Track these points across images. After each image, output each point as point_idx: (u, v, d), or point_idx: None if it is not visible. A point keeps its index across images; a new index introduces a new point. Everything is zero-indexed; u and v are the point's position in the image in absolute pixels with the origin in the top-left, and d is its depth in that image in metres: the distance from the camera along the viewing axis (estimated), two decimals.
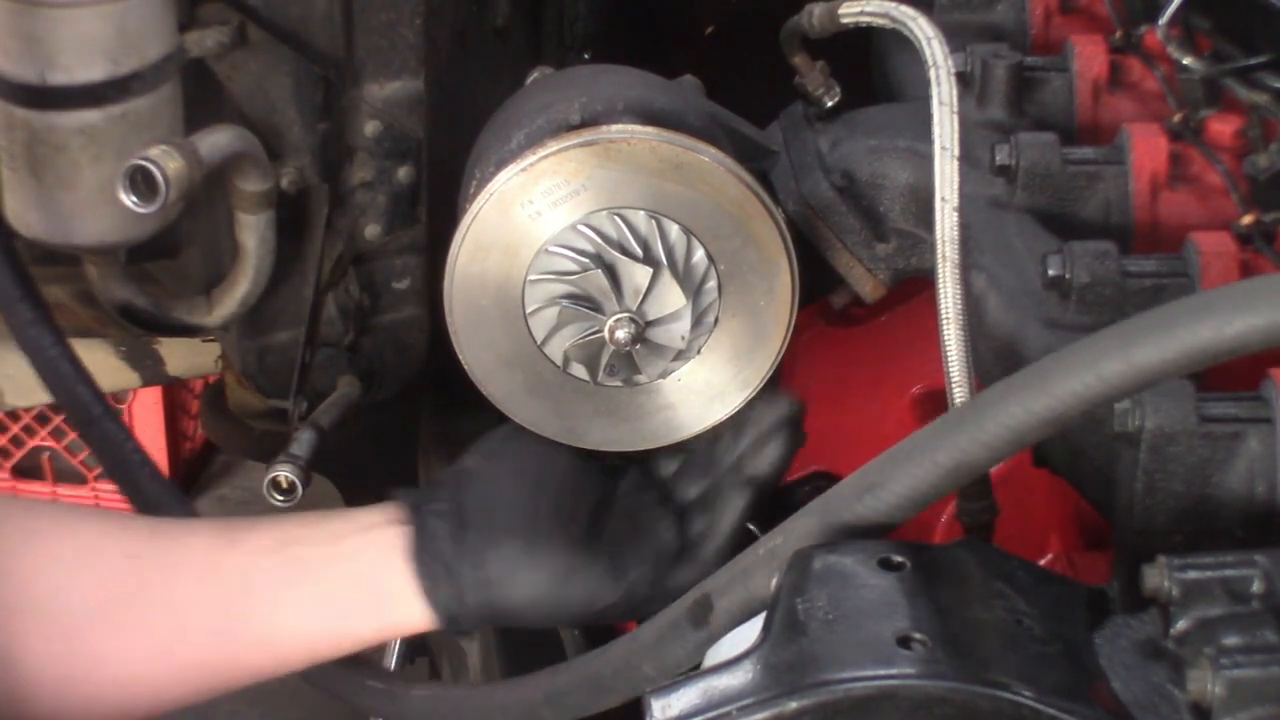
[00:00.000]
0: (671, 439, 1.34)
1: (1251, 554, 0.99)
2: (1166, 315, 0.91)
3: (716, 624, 1.10)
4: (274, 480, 1.55)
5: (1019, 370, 0.97)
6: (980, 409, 0.97)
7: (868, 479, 1.03)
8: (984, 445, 0.97)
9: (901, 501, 1.01)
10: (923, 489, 1.00)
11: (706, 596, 1.11)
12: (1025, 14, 1.69)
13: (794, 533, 1.06)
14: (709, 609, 1.10)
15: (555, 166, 1.24)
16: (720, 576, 1.11)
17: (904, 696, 0.97)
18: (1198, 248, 1.28)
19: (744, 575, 1.09)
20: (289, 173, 1.60)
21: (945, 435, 0.99)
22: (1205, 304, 0.91)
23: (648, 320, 1.27)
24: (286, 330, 1.70)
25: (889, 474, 1.02)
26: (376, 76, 1.64)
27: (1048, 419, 0.94)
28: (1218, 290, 0.93)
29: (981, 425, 0.96)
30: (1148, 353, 0.90)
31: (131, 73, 1.43)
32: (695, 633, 1.11)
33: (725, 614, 1.09)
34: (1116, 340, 0.92)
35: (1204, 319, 0.89)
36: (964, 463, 0.98)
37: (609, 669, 1.16)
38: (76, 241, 1.52)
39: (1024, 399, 0.95)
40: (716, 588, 1.10)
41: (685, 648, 1.11)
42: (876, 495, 1.02)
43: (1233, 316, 0.89)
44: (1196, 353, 0.89)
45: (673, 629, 1.12)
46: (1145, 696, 0.99)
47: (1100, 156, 1.43)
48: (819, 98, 1.57)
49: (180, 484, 3.82)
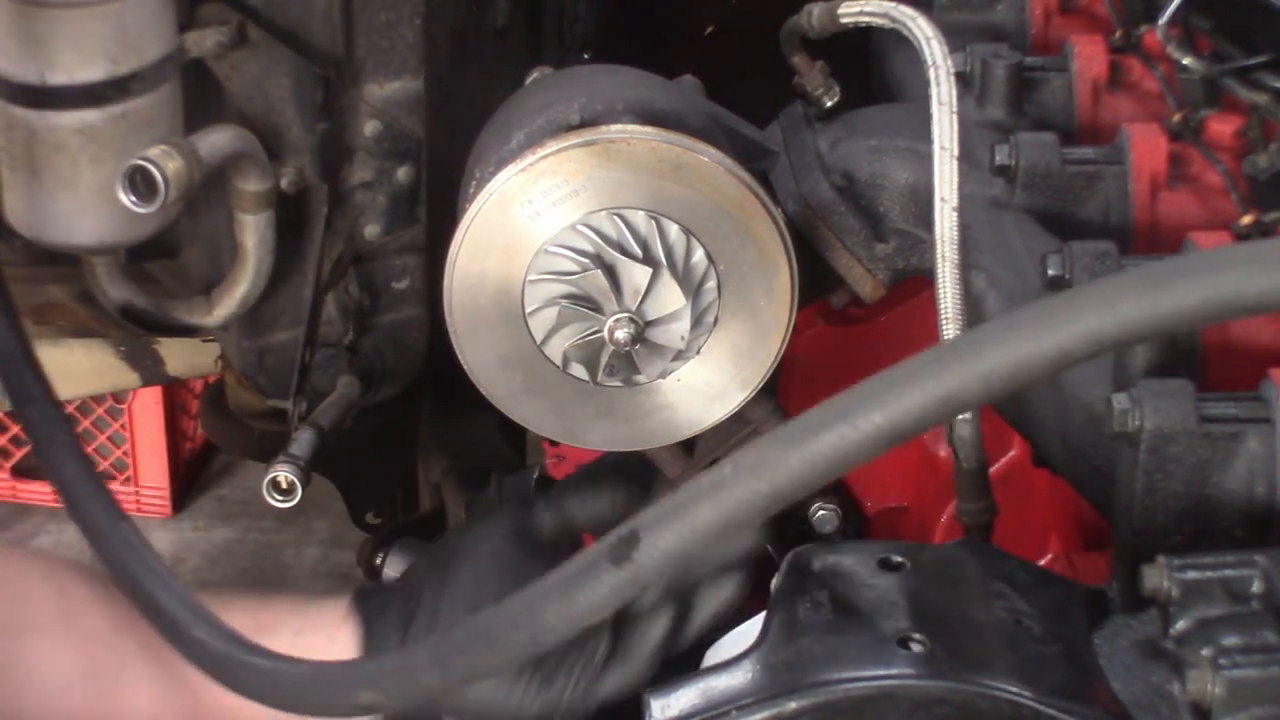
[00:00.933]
0: (671, 439, 1.34)
1: (1251, 554, 1.00)
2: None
3: (642, 563, 0.95)
4: (274, 480, 1.55)
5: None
6: (973, 341, 0.90)
7: (842, 406, 0.92)
8: (979, 377, 0.89)
9: (877, 431, 0.91)
10: (901, 419, 0.90)
11: (634, 532, 0.95)
12: (1025, 14, 1.69)
13: (747, 465, 0.93)
14: (634, 544, 0.95)
15: (555, 166, 1.24)
16: (654, 509, 0.96)
17: (903, 696, 0.97)
18: (1197, 248, 1.28)
19: (681, 509, 0.94)
20: (289, 173, 1.60)
21: (931, 364, 0.91)
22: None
23: (647, 320, 1.27)
24: (286, 330, 1.70)
25: (861, 402, 0.92)
26: (376, 76, 1.64)
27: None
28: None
29: (979, 355, 0.89)
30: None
31: (131, 73, 1.43)
32: (614, 572, 0.96)
33: (656, 551, 0.95)
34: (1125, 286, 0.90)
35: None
36: (954, 394, 0.89)
37: (505, 621, 1.02)
38: (76, 241, 1.51)
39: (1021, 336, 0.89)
40: (647, 522, 0.96)
41: (600, 591, 0.97)
42: (852, 424, 0.91)
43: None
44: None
45: (588, 568, 0.98)
46: (1145, 696, 0.99)
47: (1100, 156, 1.43)
48: (818, 98, 1.57)
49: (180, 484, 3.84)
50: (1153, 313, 0.86)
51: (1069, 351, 0.88)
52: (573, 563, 0.99)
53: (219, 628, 1.24)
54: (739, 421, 1.37)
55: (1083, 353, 0.87)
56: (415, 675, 1.08)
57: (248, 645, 1.22)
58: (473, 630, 1.05)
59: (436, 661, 1.07)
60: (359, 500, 2.32)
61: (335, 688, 1.14)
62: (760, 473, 0.92)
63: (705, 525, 0.93)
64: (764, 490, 0.92)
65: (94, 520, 1.34)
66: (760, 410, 1.39)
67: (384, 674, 1.11)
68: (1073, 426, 1.24)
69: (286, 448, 1.58)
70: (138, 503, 3.75)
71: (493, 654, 1.03)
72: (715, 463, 1.42)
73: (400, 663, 1.10)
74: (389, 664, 1.12)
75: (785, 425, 0.94)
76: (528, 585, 1.02)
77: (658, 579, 0.96)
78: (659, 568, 0.95)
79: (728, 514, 0.93)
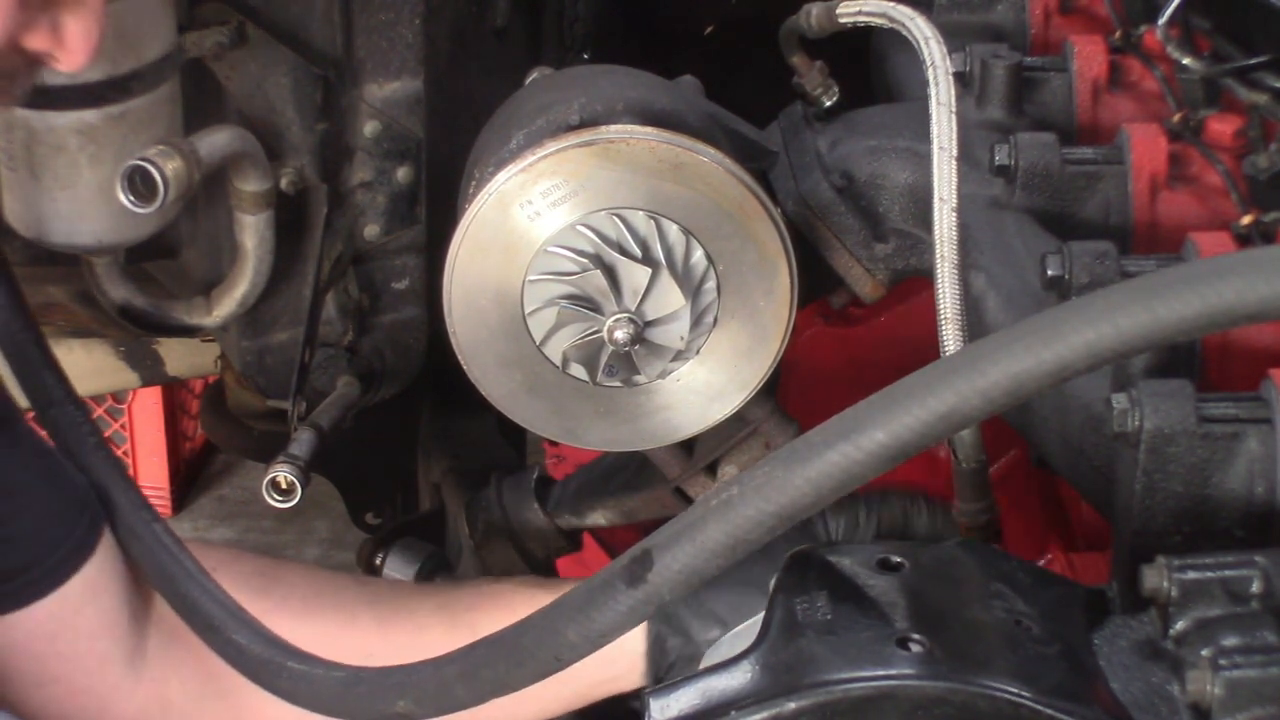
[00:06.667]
0: (671, 439, 1.34)
1: (1251, 554, 0.99)
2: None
3: (656, 582, 0.98)
4: (273, 480, 1.55)
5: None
6: (971, 357, 0.91)
7: (844, 426, 0.93)
8: (979, 393, 0.90)
9: (881, 450, 0.92)
10: (904, 436, 0.92)
11: (647, 552, 0.98)
12: (1025, 14, 1.69)
13: (754, 486, 0.95)
14: (648, 565, 0.98)
15: (554, 167, 1.24)
16: (665, 530, 0.99)
17: (903, 697, 0.97)
18: (1197, 248, 1.28)
19: (692, 530, 0.97)
20: (288, 173, 1.60)
21: (931, 382, 0.92)
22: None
23: (647, 320, 1.26)
24: (286, 330, 1.70)
25: (864, 421, 0.92)
26: (376, 76, 1.64)
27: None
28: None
29: (979, 371, 0.90)
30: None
31: (130, 73, 1.43)
32: (629, 592, 0.99)
33: (668, 571, 0.97)
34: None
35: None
36: (955, 409, 0.90)
37: (529, 637, 1.05)
38: (76, 241, 1.52)
39: (1021, 350, 0.90)
40: (659, 542, 0.98)
41: (617, 610, 1.00)
42: (854, 443, 0.92)
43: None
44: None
45: (604, 589, 1.00)
46: (1144, 697, 0.99)
47: (1100, 156, 1.43)
48: (818, 98, 1.57)
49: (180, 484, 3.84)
50: (1152, 324, 0.87)
51: (1069, 365, 0.88)
52: (590, 583, 1.02)
53: (258, 631, 1.25)
54: (738, 422, 1.38)
55: (1083, 366, 0.88)
56: (447, 687, 1.09)
57: (287, 649, 1.23)
58: (500, 647, 1.07)
59: (466, 675, 1.09)
60: (359, 500, 2.32)
61: (373, 695, 1.15)
62: (767, 493, 0.94)
63: (715, 545, 0.96)
64: (771, 510, 0.94)
65: (128, 521, 1.35)
66: (760, 411, 1.39)
67: (417, 684, 1.12)
68: (1073, 426, 1.24)
69: (286, 448, 1.59)
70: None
71: (519, 669, 1.06)
72: (715, 464, 1.43)
73: (433, 674, 1.11)
74: (423, 674, 1.12)
75: (790, 445, 0.95)
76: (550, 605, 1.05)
77: (671, 597, 0.99)
78: (672, 587, 0.98)
79: (736, 534, 0.95)
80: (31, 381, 1.38)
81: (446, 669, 1.10)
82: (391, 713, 1.12)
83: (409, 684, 1.12)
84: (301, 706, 1.20)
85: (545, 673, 1.05)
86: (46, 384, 1.38)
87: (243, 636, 1.25)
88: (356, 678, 1.18)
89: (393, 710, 1.12)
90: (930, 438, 0.91)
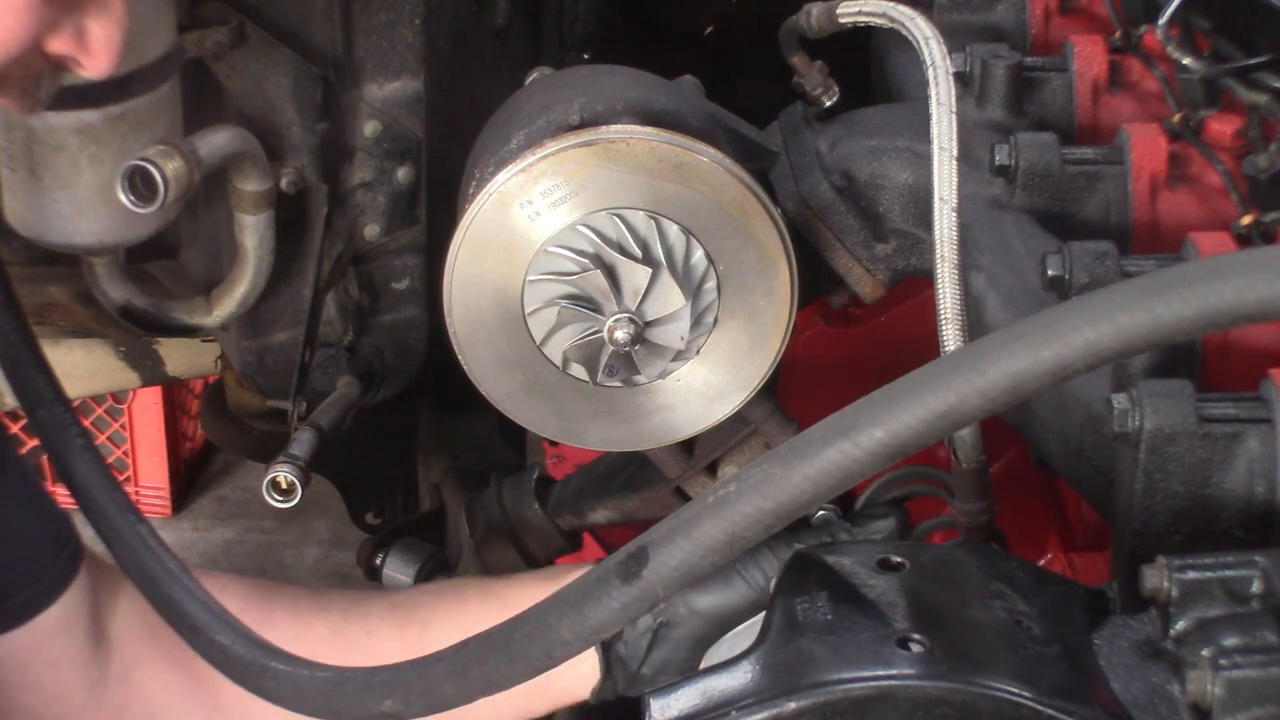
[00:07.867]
0: (671, 439, 1.34)
1: (1251, 554, 0.99)
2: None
3: (651, 580, 0.97)
4: (273, 480, 1.55)
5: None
6: (971, 356, 0.91)
7: (843, 423, 0.92)
8: (978, 392, 0.89)
9: (879, 448, 0.91)
10: (903, 434, 0.91)
11: (643, 548, 0.97)
12: (1025, 14, 1.69)
13: (751, 483, 0.94)
14: (643, 561, 0.97)
15: (554, 167, 1.24)
16: (662, 527, 0.98)
17: (903, 697, 0.97)
18: (1197, 248, 1.28)
19: (688, 526, 0.96)
20: (288, 173, 1.60)
21: (930, 380, 0.91)
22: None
23: (647, 320, 1.26)
24: (286, 330, 1.70)
25: (863, 419, 0.92)
26: (376, 76, 1.64)
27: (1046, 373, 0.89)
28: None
29: (978, 370, 0.89)
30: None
31: (130, 72, 1.43)
32: (624, 588, 0.98)
33: (664, 568, 0.97)
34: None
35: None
36: (954, 408, 0.90)
37: (520, 633, 1.04)
38: (76, 241, 1.52)
39: (1021, 347, 0.89)
40: (655, 539, 0.98)
41: (611, 606, 0.99)
42: (853, 441, 0.91)
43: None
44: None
45: (599, 585, 1.00)
46: (1144, 697, 0.99)
47: (1100, 157, 1.43)
48: (818, 98, 1.57)
49: (180, 484, 3.84)
50: (1152, 324, 0.87)
51: (1069, 364, 0.88)
52: (585, 579, 1.01)
53: (241, 632, 1.24)
54: (738, 422, 1.37)
55: (1083, 365, 0.88)
56: (435, 685, 1.08)
57: (271, 650, 1.22)
58: (490, 643, 1.06)
59: (455, 672, 1.07)
60: (359, 500, 2.32)
61: (359, 695, 1.14)
62: (764, 490, 0.94)
63: (711, 542, 0.95)
64: (768, 507, 0.94)
65: (112, 523, 1.34)
66: (760, 411, 1.39)
67: (405, 683, 1.10)
68: (1073, 426, 1.24)
69: (286, 448, 1.59)
70: (137, 503, 3.75)
71: (510, 666, 1.04)
72: (715, 464, 1.43)
73: (420, 672, 1.10)
74: (410, 673, 1.11)
75: (788, 442, 0.94)
76: (544, 601, 1.03)
77: (666, 594, 0.98)
78: (667, 584, 0.97)
79: (733, 531, 0.95)
80: (21, 382, 1.38)
81: (435, 667, 1.09)
82: (378, 712, 1.11)
83: (396, 683, 1.11)
84: (287, 708, 1.19)
85: (536, 670, 1.04)
86: (36, 384, 1.37)
87: (226, 638, 1.25)
88: (342, 677, 1.16)
89: (379, 710, 1.11)
90: (929, 436, 0.91)
